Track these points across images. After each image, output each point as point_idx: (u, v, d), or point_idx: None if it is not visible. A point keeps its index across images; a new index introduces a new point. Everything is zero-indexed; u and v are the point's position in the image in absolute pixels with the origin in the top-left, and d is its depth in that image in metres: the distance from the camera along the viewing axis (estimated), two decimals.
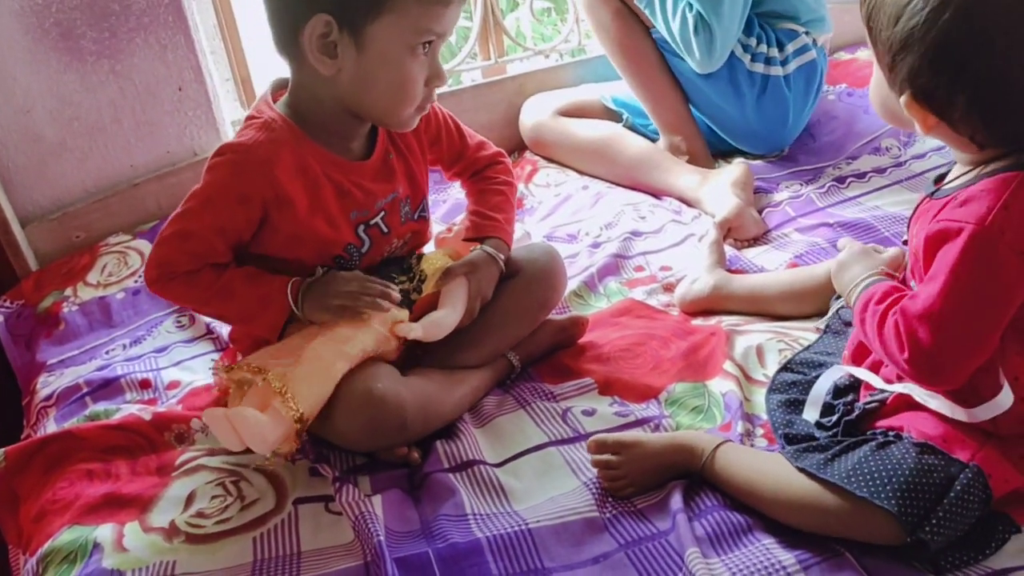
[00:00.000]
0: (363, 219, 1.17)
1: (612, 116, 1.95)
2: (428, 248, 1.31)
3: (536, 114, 1.98)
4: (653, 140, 1.87)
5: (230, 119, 1.91)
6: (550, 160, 1.98)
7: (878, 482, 0.88)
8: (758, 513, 0.97)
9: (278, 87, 1.17)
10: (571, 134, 1.92)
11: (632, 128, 1.91)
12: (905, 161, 1.75)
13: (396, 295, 1.14)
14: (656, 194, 1.79)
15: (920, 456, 0.89)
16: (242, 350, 1.23)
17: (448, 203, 1.82)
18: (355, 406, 1.07)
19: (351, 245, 1.17)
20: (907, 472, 0.87)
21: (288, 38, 1.07)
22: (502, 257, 1.25)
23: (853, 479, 0.89)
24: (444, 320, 1.16)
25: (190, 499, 1.09)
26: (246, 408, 1.01)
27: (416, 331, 1.14)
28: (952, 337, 0.86)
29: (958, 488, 0.87)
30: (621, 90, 1.94)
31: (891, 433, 0.95)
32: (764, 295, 1.36)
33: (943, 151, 1.70)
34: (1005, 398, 0.89)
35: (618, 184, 1.84)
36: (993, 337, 0.88)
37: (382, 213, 1.18)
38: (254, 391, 1.04)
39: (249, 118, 1.14)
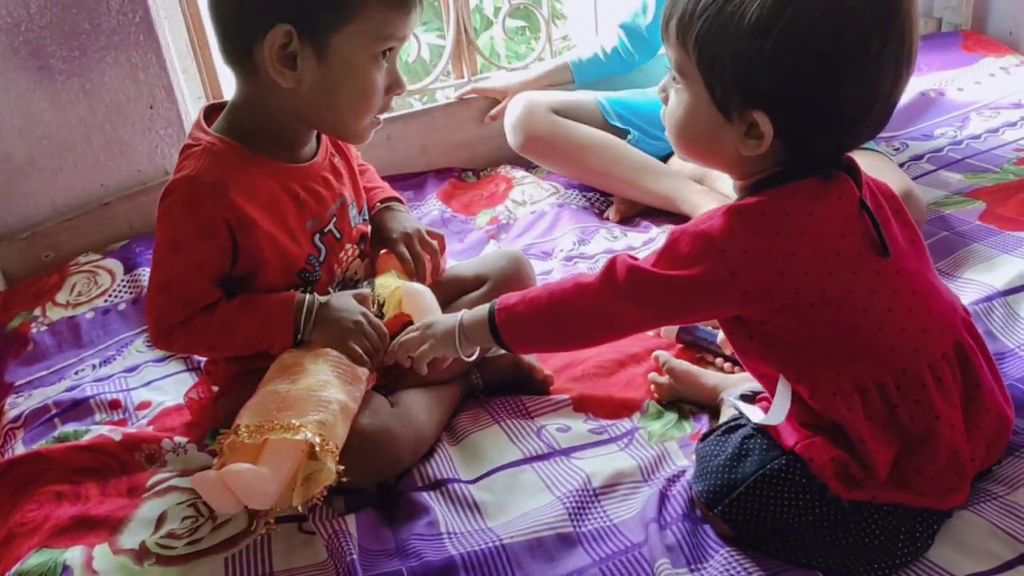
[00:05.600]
0: (318, 228, 1.16)
1: (609, 130, 1.90)
2: (379, 281, 1.25)
3: (527, 109, 1.88)
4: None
5: None
6: (540, 159, 1.92)
7: (701, 464, 0.99)
8: None
9: (210, 111, 1.14)
10: (570, 130, 1.85)
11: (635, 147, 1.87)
12: None
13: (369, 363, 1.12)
14: (657, 202, 1.78)
15: (745, 440, 0.95)
16: (216, 383, 1.22)
17: None
18: (351, 447, 1.04)
19: (311, 256, 1.16)
20: (725, 456, 0.96)
21: (242, 51, 1.05)
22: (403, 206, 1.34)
23: (697, 460, 1.01)
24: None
25: (161, 520, 1.08)
26: (240, 464, 0.95)
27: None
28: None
29: (764, 472, 0.91)
30: (622, 97, 1.93)
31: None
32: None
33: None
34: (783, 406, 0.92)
35: (614, 190, 1.84)
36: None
37: (334, 219, 1.19)
38: (239, 448, 0.98)
39: (185, 148, 1.09)
